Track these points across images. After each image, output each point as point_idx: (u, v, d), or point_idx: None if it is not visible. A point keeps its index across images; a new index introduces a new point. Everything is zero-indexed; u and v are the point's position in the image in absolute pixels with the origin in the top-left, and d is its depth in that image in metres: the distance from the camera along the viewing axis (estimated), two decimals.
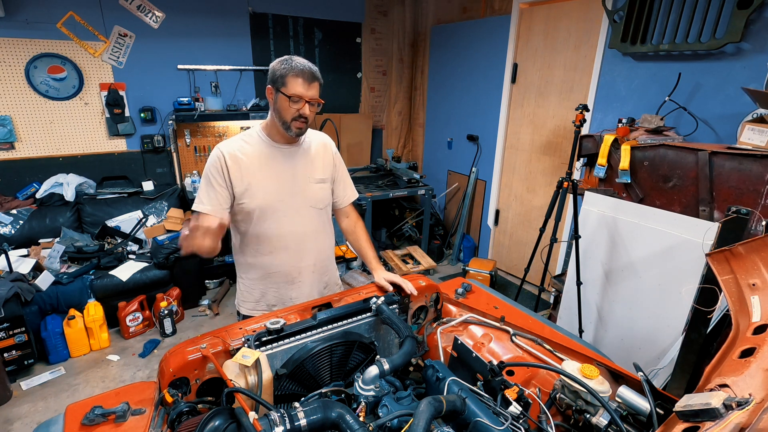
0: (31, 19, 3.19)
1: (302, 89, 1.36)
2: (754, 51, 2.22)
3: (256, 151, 1.47)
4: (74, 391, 2.61)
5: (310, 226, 1.56)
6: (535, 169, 3.68)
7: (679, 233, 2.02)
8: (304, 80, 1.36)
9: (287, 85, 1.36)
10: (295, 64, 1.36)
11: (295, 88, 1.35)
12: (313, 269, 1.62)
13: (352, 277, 3.86)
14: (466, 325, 1.39)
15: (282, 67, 1.37)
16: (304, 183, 1.52)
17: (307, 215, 1.55)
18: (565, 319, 2.62)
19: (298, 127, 1.41)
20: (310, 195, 1.53)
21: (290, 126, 1.41)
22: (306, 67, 1.37)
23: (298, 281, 1.59)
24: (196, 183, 3.76)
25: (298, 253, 1.56)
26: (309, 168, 1.53)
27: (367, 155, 4.96)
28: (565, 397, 1.02)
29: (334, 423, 0.88)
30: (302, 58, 1.40)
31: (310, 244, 1.58)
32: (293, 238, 1.53)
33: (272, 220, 1.49)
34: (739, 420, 0.61)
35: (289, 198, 1.49)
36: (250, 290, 1.60)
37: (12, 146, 3.34)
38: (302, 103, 1.38)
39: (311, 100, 1.39)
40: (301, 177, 1.51)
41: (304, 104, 1.38)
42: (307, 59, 1.41)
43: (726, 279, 0.96)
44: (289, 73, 1.35)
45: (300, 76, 1.35)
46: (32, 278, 2.84)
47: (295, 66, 1.36)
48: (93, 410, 0.94)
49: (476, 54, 4.00)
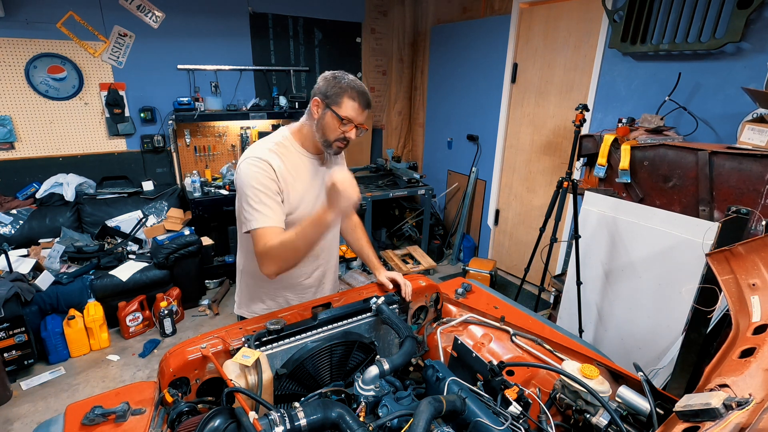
0: (31, 19, 3.19)
1: (356, 113, 1.28)
2: (754, 51, 2.22)
3: (294, 163, 1.36)
4: (74, 391, 2.61)
5: (333, 232, 1.56)
6: (535, 169, 3.68)
7: (679, 233, 2.02)
8: (360, 105, 1.27)
9: (341, 105, 1.26)
10: (354, 84, 1.27)
11: (349, 111, 1.27)
12: (334, 270, 1.63)
13: (352, 277, 3.86)
14: (466, 325, 1.39)
15: (338, 83, 1.27)
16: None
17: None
18: (565, 319, 2.62)
19: (339, 146, 1.33)
20: None
21: (332, 145, 1.33)
22: (363, 90, 1.28)
23: (322, 283, 1.59)
24: (195, 183, 3.75)
25: (326, 258, 1.55)
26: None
27: (367, 155, 4.96)
28: (565, 397, 1.02)
29: (334, 423, 0.88)
30: (355, 78, 1.31)
31: (333, 247, 1.58)
32: (321, 245, 1.50)
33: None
34: (739, 420, 0.61)
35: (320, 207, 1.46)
36: (261, 296, 1.54)
37: (12, 146, 3.34)
38: (351, 126, 1.29)
39: (360, 126, 1.31)
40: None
41: (353, 128, 1.30)
42: (307, 59, 1.38)
43: (726, 279, 0.96)
44: (346, 92, 1.26)
45: (357, 100, 1.26)
46: (32, 278, 2.84)
47: (354, 87, 1.27)
48: (93, 410, 0.94)
49: (476, 54, 4.00)
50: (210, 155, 4.11)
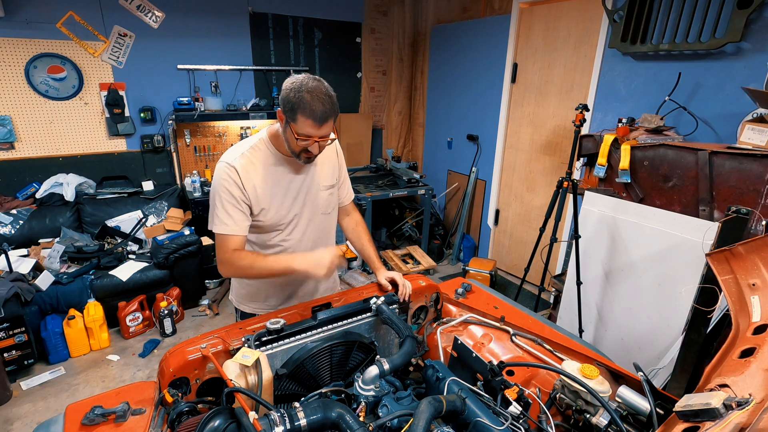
0: (31, 19, 3.19)
1: (313, 130, 1.23)
2: (754, 51, 2.22)
3: (267, 164, 1.38)
4: (74, 391, 2.61)
5: (320, 231, 1.56)
6: (535, 169, 3.67)
7: (679, 233, 2.02)
8: (315, 122, 1.22)
9: (297, 122, 1.22)
10: (307, 102, 1.19)
11: (305, 128, 1.23)
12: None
13: (352, 277, 3.86)
14: (466, 325, 1.39)
15: (295, 95, 1.20)
16: (315, 192, 1.49)
17: (318, 222, 1.54)
18: (565, 319, 2.62)
19: (306, 157, 1.32)
20: (320, 202, 1.51)
21: (299, 156, 1.32)
22: (318, 107, 1.20)
23: (306, 281, 1.59)
24: (195, 183, 3.76)
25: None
26: (318, 176, 1.49)
27: (367, 155, 4.96)
28: (565, 397, 1.02)
29: (334, 423, 0.88)
30: (317, 85, 1.22)
31: (320, 247, 1.58)
32: (305, 245, 1.51)
33: (286, 232, 1.47)
34: (739, 420, 0.61)
35: (301, 209, 1.47)
36: (255, 292, 1.58)
37: (12, 146, 3.34)
38: (312, 141, 1.26)
39: (321, 140, 1.27)
40: (311, 186, 1.48)
41: (313, 142, 1.27)
42: (307, 59, 1.38)
43: (726, 279, 0.96)
44: (300, 108, 1.20)
45: (311, 116, 1.20)
46: (32, 278, 2.84)
47: (307, 104, 1.19)
48: (93, 410, 0.94)
49: (476, 54, 4.00)
50: (210, 155, 4.11)
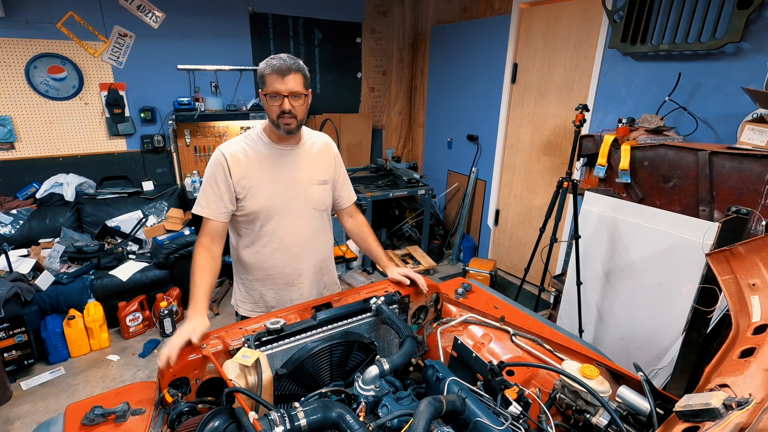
0: (31, 19, 3.19)
1: (278, 83, 1.33)
2: (754, 51, 2.22)
3: (258, 153, 1.45)
4: (74, 391, 2.61)
5: (311, 227, 1.56)
6: (535, 169, 3.68)
7: (679, 233, 2.02)
8: (278, 75, 1.32)
9: (266, 84, 1.35)
10: (271, 62, 1.34)
11: (271, 85, 1.33)
12: (314, 270, 1.62)
13: (352, 277, 3.86)
14: (466, 325, 1.39)
15: (262, 67, 1.36)
16: (306, 185, 1.51)
17: (309, 217, 1.54)
18: (565, 319, 2.62)
19: (285, 123, 1.38)
20: (311, 197, 1.53)
21: (279, 124, 1.39)
22: (281, 61, 1.33)
23: (297, 283, 1.59)
24: (196, 183, 3.76)
25: (298, 255, 1.55)
26: (311, 169, 1.52)
27: (367, 155, 4.96)
28: (565, 397, 1.02)
29: (334, 423, 0.88)
30: (285, 54, 1.37)
31: (311, 245, 1.58)
32: (294, 239, 1.53)
33: (274, 222, 1.48)
34: (739, 420, 0.61)
35: (290, 200, 1.49)
36: (248, 291, 1.60)
37: (12, 146, 3.34)
38: (281, 99, 1.34)
39: (290, 94, 1.34)
40: (302, 179, 1.51)
41: (283, 99, 1.34)
42: (307, 59, 1.41)
43: (726, 279, 0.96)
44: (266, 71, 1.34)
45: (274, 72, 1.32)
46: (32, 278, 2.84)
47: (270, 63, 1.34)
48: (93, 410, 0.94)
49: (476, 54, 4.00)
50: (210, 155, 4.10)
